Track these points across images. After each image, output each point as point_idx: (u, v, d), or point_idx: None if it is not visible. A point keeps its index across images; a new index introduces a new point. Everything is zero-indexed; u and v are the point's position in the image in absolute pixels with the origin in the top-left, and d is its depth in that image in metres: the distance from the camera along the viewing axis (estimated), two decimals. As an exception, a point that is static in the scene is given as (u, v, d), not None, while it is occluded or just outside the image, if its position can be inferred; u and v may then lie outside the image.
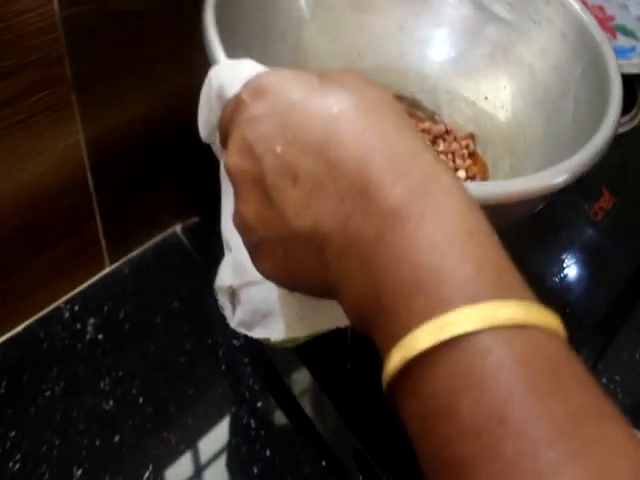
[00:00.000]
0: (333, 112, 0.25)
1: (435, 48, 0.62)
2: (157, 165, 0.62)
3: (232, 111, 0.29)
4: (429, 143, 0.56)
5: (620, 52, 0.78)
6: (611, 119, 0.43)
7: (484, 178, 0.55)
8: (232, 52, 0.45)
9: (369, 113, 0.25)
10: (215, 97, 0.35)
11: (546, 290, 0.62)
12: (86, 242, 0.61)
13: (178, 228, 0.68)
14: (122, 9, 0.50)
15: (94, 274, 0.64)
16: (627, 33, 0.81)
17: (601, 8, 0.85)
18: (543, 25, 0.56)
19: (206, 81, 0.36)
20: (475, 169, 0.56)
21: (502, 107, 0.58)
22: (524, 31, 0.57)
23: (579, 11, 0.53)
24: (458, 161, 0.56)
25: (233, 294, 0.39)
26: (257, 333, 0.38)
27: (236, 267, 0.37)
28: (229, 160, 0.27)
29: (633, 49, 0.79)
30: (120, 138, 0.57)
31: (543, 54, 0.56)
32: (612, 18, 0.84)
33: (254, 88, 0.28)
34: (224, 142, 0.30)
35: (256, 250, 0.28)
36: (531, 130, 0.56)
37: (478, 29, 0.60)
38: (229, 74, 0.35)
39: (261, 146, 0.26)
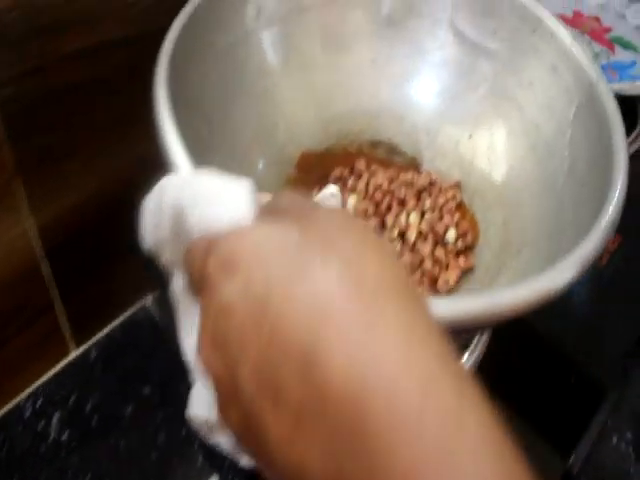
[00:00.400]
0: (316, 304, 0.19)
1: (411, 83, 0.56)
2: (121, 239, 0.56)
3: (201, 269, 0.23)
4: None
5: (620, 68, 0.72)
6: (617, 189, 0.38)
7: (474, 234, 0.49)
8: (192, 113, 0.41)
9: (363, 305, 0.19)
10: (169, 213, 0.30)
11: (548, 351, 0.56)
12: (48, 330, 0.56)
13: (149, 301, 0.62)
14: (68, 81, 0.45)
15: (58, 362, 0.59)
16: (626, 46, 0.75)
17: (597, 19, 0.79)
18: (530, 55, 0.49)
19: (158, 188, 0.31)
20: (465, 225, 0.50)
21: (488, 148, 0.52)
22: (509, 61, 0.51)
23: (570, 44, 0.46)
24: (446, 217, 0.49)
25: (212, 427, 0.33)
26: (246, 460, 0.32)
27: (213, 403, 0.31)
28: (202, 348, 0.22)
29: (633, 64, 0.72)
30: (77, 218, 0.52)
31: (531, 88, 0.49)
32: (609, 29, 0.78)
33: (224, 259, 0.22)
34: (195, 290, 0.26)
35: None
36: (523, 175, 0.50)
37: (458, 59, 0.54)
38: (189, 193, 0.29)
39: (235, 346, 0.20)
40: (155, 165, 0.37)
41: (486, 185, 0.51)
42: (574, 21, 0.79)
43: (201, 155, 0.42)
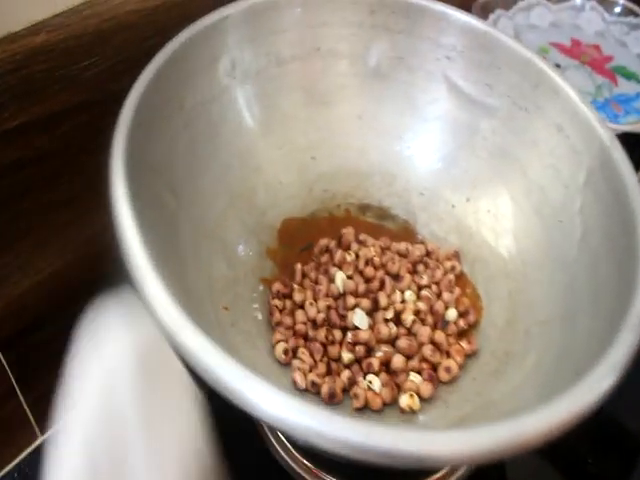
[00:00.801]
0: None
1: (402, 140, 0.51)
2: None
3: None
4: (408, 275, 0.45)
5: (624, 101, 0.67)
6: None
7: (477, 312, 0.44)
8: (158, 183, 0.38)
9: None
10: None
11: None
12: (7, 421, 0.51)
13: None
14: (13, 158, 0.41)
15: (22, 450, 0.53)
16: (629, 77, 0.71)
17: (597, 47, 0.74)
18: (531, 112, 0.45)
19: None
20: (466, 302, 0.45)
21: (488, 211, 0.47)
22: (509, 118, 0.46)
23: (577, 101, 0.42)
24: (445, 294, 0.45)
25: None
26: None
27: None
28: None
29: (638, 96, 0.68)
30: (30, 303, 0.47)
31: (535, 148, 0.45)
32: (610, 58, 0.73)
33: None
34: None
35: None
36: (528, 243, 0.45)
37: (453, 115, 0.49)
38: None
39: None
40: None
41: (488, 252, 0.46)
42: (572, 51, 0.74)
43: (168, 228, 0.37)
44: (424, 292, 0.45)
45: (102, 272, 0.38)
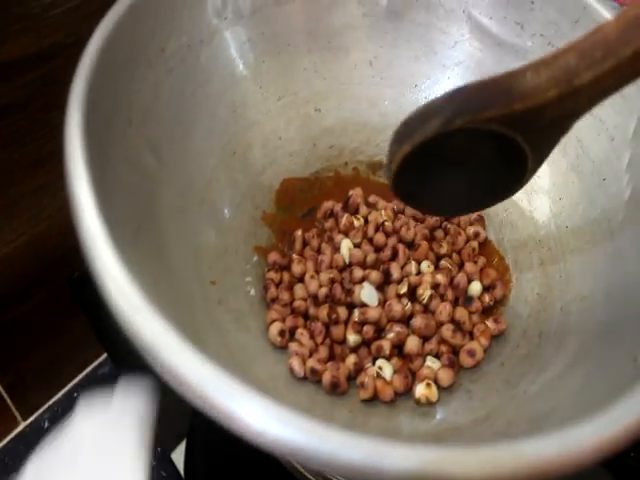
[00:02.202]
0: None
1: (418, 89, 0.45)
2: (59, 296, 0.46)
3: None
4: (425, 243, 0.39)
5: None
6: None
7: (505, 285, 0.38)
8: (135, 140, 0.32)
9: None
10: None
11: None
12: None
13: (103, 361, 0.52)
14: None
15: (1, 439, 0.49)
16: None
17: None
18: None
19: None
20: (492, 274, 0.39)
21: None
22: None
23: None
24: (468, 265, 0.39)
25: None
26: None
27: None
28: None
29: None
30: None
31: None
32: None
33: None
34: None
35: None
36: (563, 205, 0.39)
37: (477, 60, 0.43)
38: None
39: None
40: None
41: (517, 217, 0.41)
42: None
43: (145, 192, 0.32)
44: (443, 262, 0.39)
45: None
